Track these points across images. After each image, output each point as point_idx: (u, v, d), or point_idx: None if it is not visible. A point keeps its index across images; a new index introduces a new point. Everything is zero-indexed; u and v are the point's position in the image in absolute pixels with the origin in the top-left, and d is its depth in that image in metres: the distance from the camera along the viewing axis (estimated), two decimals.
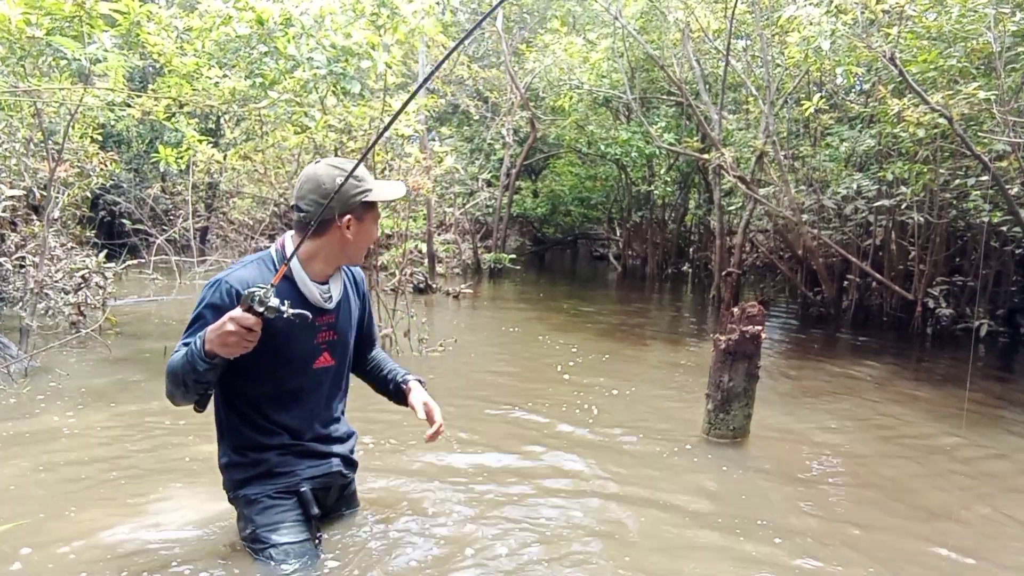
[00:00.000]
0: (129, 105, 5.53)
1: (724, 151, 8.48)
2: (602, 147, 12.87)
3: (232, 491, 2.23)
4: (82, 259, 5.75)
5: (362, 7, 4.95)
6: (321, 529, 2.31)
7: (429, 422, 2.30)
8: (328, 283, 2.20)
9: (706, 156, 9.60)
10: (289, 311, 1.89)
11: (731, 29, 8.36)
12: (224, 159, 7.22)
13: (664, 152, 12.20)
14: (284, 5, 4.70)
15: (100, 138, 7.23)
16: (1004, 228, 6.66)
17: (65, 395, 4.10)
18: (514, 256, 13.84)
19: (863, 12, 5.77)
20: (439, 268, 11.12)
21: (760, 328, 3.72)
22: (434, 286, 9.80)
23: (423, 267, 10.18)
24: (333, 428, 2.32)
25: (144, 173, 11.99)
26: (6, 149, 5.56)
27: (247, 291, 1.86)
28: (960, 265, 8.10)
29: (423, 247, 10.52)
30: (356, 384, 2.47)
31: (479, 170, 13.99)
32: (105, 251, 6.22)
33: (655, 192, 13.75)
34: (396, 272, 6.60)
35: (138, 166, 11.93)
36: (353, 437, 2.43)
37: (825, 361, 6.27)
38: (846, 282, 8.77)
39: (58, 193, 5.98)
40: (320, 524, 2.33)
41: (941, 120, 5.66)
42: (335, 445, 2.32)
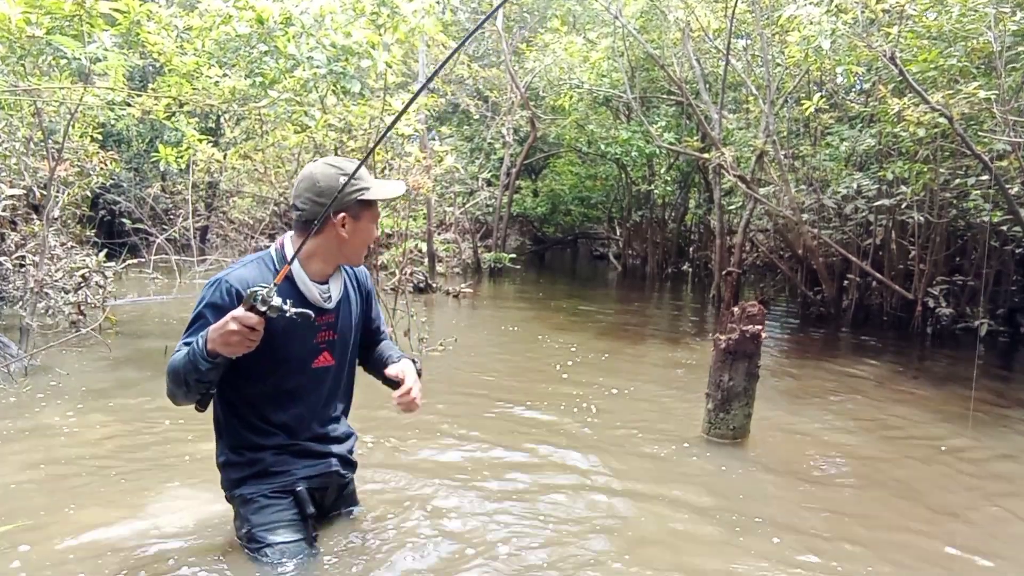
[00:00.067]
0: (129, 104, 5.53)
1: (724, 150, 8.47)
2: (602, 146, 12.87)
3: (229, 490, 2.23)
4: (82, 258, 5.76)
5: (362, 6, 4.95)
6: (317, 528, 2.30)
7: (399, 385, 2.16)
8: (328, 283, 2.20)
9: (706, 155, 9.59)
10: (292, 310, 1.89)
11: (731, 28, 8.36)
12: (224, 158, 7.22)
13: (664, 151, 12.20)
14: (284, 4, 4.70)
15: (100, 137, 7.23)
16: (1004, 227, 6.65)
17: (65, 394, 4.11)
18: (514, 255, 13.84)
19: (863, 11, 5.77)
20: (439, 267, 11.12)
21: (760, 327, 3.72)
22: (434, 285, 9.80)
23: (423, 266, 10.18)
24: (332, 428, 2.32)
25: (144, 172, 11.99)
26: (6, 148, 5.56)
27: (249, 290, 1.85)
28: (960, 265, 8.10)
29: (423, 246, 10.52)
30: (358, 384, 2.46)
31: (479, 169, 14.00)
32: (105, 250, 6.23)
33: (655, 191, 13.75)
34: (396, 271, 6.60)
35: (138, 165, 11.93)
36: (352, 437, 2.42)
37: (825, 360, 6.27)
38: (846, 281, 8.76)
39: (58, 192, 5.98)
40: (318, 523, 2.33)
41: (941, 120, 5.66)
42: (333, 445, 2.31)
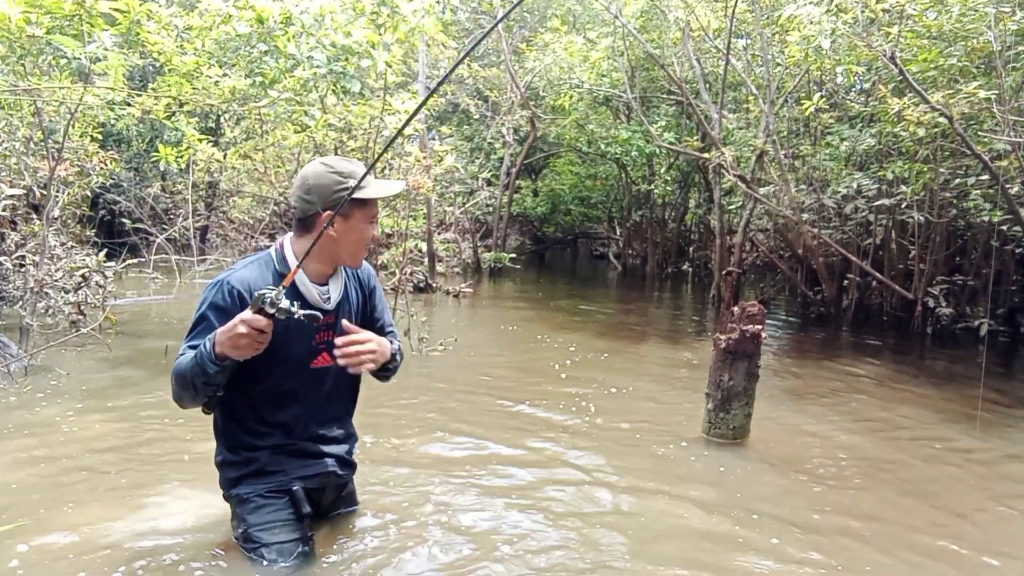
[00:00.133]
0: (129, 104, 5.54)
1: (724, 150, 8.47)
2: (602, 146, 12.87)
3: (226, 489, 2.25)
4: (82, 258, 5.75)
5: (362, 6, 4.95)
6: (314, 528, 2.31)
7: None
8: (327, 284, 2.20)
9: (706, 155, 9.59)
10: (301, 312, 1.89)
11: (731, 28, 8.36)
12: (224, 158, 7.23)
13: (664, 151, 12.20)
14: (284, 4, 4.70)
15: (100, 137, 7.24)
16: (1004, 227, 6.65)
17: (65, 394, 4.11)
18: (514, 255, 13.84)
19: (863, 11, 5.77)
20: (439, 267, 11.12)
21: (760, 327, 3.72)
22: (434, 285, 9.80)
23: (423, 266, 10.18)
24: (331, 428, 2.32)
25: (144, 172, 11.99)
26: (6, 148, 5.56)
27: (258, 293, 1.85)
28: (960, 264, 8.10)
29: (423, 246, 10.53)
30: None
31: (479, 169, 14.00)
32: (105, 250, 6.22)
33: (655, 191, 13.75)
34: (396, 271, 6.61)
35: (138, 165, 11.93)
36: (352, 439, 2.42)
37: (825, 360, 6.27)
38: (846, 281, 8.76)
39: (58, 192, 5.98)
40: (316, 523, 2.33)
41: (941, 119, 5.66)
42: (331, 445, 2.32)
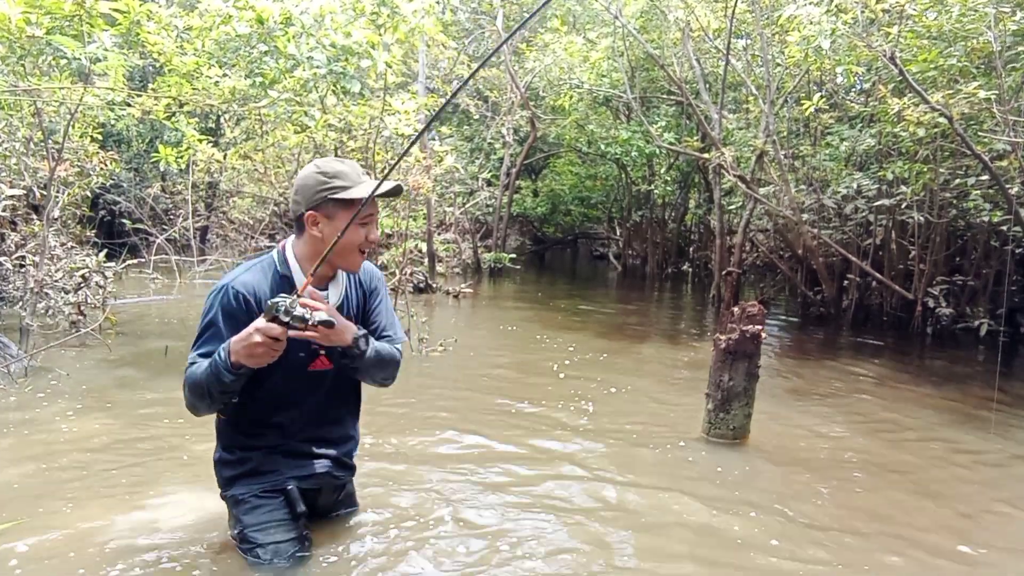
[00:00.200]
0: (129, 104, 5.54)
1: (724, 150, 8.47)
2: (602, 146, 12.87)
3: (222, 489, 2.26)
4: (82, 258, 5.75)
5: (362, 6, 4.95)
6: (313, 528, 2.32)
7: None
8: (327, 287, 2.19)
9: (706, 155, 9.60)
10: (315, 318, 1.90)
11: (731, 28, 8.36)
12: (224, 158, 7.24)
13: (664, 151, 12.20)
14: (284, 4, 4.70)
15: (100, 137, 7.23)
16: (1004, 227, 6.65)
17: (65, 394, 4.11)
18: (514, 255, 13.83)
19: (863, 11, 5.77)
20: (439, 268, 11.12)
21: (760, 327, 3.72)
22: (434, 286, 9.80)
23: (423, 267, 10.18)
24: (328, 431, 2.32)
25: (144, 172, 11.98)
26: (6, 148, 5.56)
27: (271, 302, 1.86)
28: (960, 264, 8.10)
29: (423, 246, 10.52)
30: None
31: (479, 169, 14.00)
32: (105, 250, 6.22)
33: (655, 191, 13.75)
34: (396, 271, 6.60)
35: (138, 165, 11.93)
36: (352, 442, 2.42)
37: (825, 360, 6.27)
38: (846, 281, 8.76)
39: (58, 192, 5.98)
40: (314, 523, 2.34)
41: (941, 119, 5.66)
42: (327, 447, 2.32)
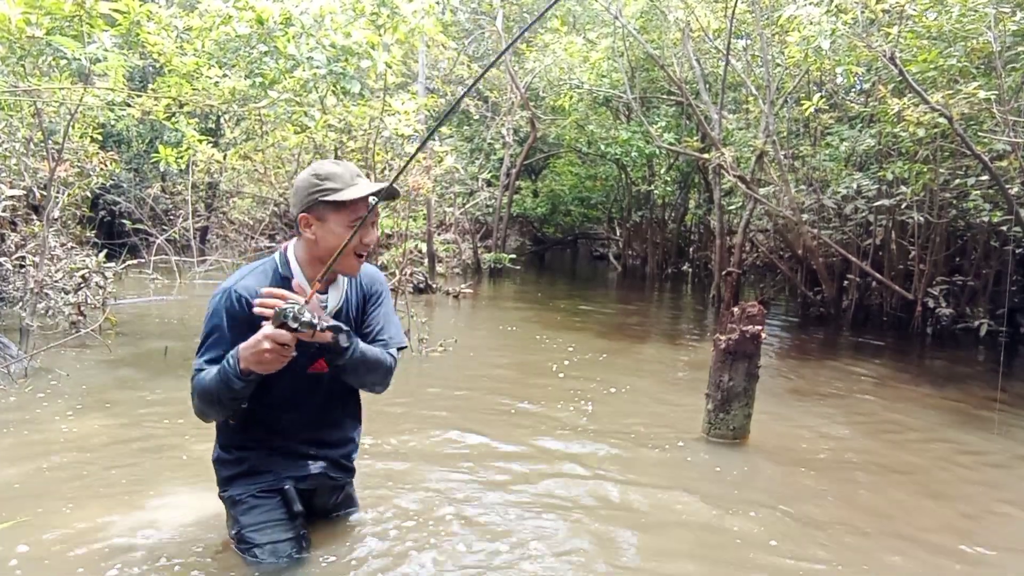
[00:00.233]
0: (129, 105, 5.54)
1: (724, 151, 8.48)
2: (602, 147, 12.87)
3: (220, 488, 2.27)
4: (82, 259, 5.75)
5: (362, 7, 4.95)
6: (312, 528, 2.33)
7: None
8: (327, 290, 2.19)
9: (706, 156, 9.60)
10: (323, 323, 1.90)
11: (731, 29, 8.36)
12: (224, 159, 7.24)
13: (664, 152, 12.20)
14: (284, 4, 4.70)
15: (100, 138, 7.24)
16: (1004, 228, 6.66)
17: (65, 394, 4.11)
18: (514, 256, 13.83)
19: (863, 12, 5.77)
20: (439, 268, 11.12)
21: (760, 328, 3.72)
22: (434, 286, 9.80)
23: (423, 267, 10.18)
24: (326, 433, 2.33)
25: (144, 173, 11.98)
26: (6, 149, 5.56)
27: (279, 308, 1.86)
28: (960, 265, 8.10)
29: (423, 247, 10.53)
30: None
31: (479, 170, 13.99)
32: (105, 251, 6.22)
33: (655, 192, 13.75)
34: (396, 272, 6.61)
35: (138, 166, 11.93)
36: (350, 445, 2.42)
37: (825, 361, 6.27)
38: (846, 282, 8.76)
39: (58, 193, 5.98)
40: (313, 524, 2.35)
41: (941, 120, 5.66)
42: (324, 449, 2.33)
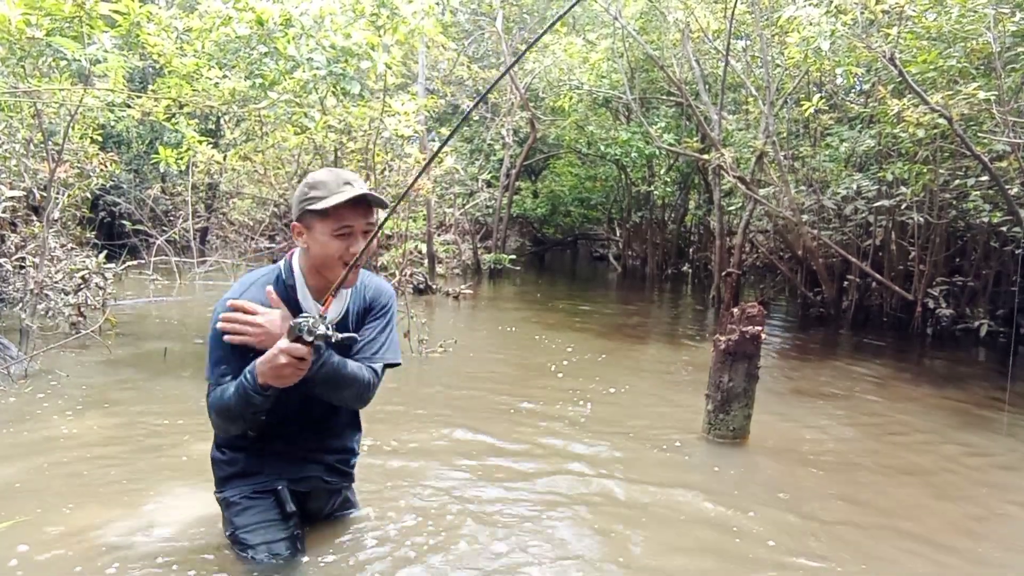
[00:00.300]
0: (129, 106, 5.54)
1: (724, 151, 8.48)
2: (602, 147, 12.87)
3: (216, 489, 2.29)
4: (82, 260, 5.75)
5: (362, 8, 4.95)
6: (310, 529, 2.34)
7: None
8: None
9: (706, 156, 9.60)
10: (337, 335, 1.91)
11: (731, 29, 8.36)
12: (224, 160, 7.23)
13: (664, 152, 12.20)
14: (284, 6, 4.70)
15: (100, 139, 7.23)
16: (1004, 228, 6.66)
17: (64, 395, 4.10)
18: (514, 257, 13.83)
19: (863, 12, 5.77)
20: (439, 269, 11.12)
21: (760, 328, 3.72)
22: (434, 287, 9.80)
23: (423, 268, 10.18)
24: (324, 440, 2.34)
25: (144, 174, 11.99)
26: (6, 150, 5.56)
27: (293, 322, 1.88)
28: (960, 265, 8.11)
29: (423, 248, 10.52)
30: None
31: (479, 170, 13.99)
32: (105, 252, 6.21)
33: (655, 192, 13.75)
34: (396, 272, 6.61)
35: (138, 167, 11.93)
36: (347, 451, 2.43)
37: (825, 361, 6.27)
38: (846, 282, 8.77)
39: (58, 194, 5.98)
40: (310, 525, 2.37)
41: (941, 120, 5.66)
42: (319, 453, 2.34)
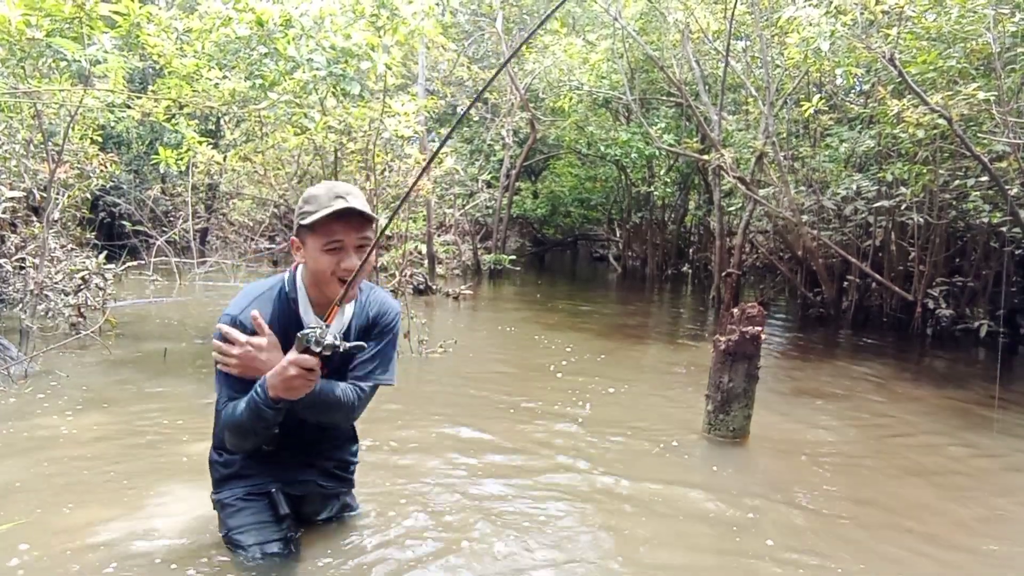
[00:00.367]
0: (129, 106, 5.54)
1: (724, 152, 8.48)
2: (602, 148, 12.88)
3: (213, 491, 2.31)
4: (82, 260, 5.75)
5: (362, 8, 4.95)
6: (307, 530, 2.35)
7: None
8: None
9: (706, 157, 9.60)
10: (345, 344, 1.93)
11: (731, 30, 8.37)
12: (224, 160, 7.23)
13: (664, 153, 12.21)
14: (284, 6, 4.70)
15: (100, 139, 7.23)
16: (1004, 228, 6.66)
17: (64, 396, 4.10)
18: (514, 257, 13.83)
19: (862, 13, 5.78)
20: (439, 269, 11.12)
21: (760, 329, 3.73)
22: (434, 287, 9.80)
23: (423, 268, 10.18)
24: (316, 443, 2.34)
25: (144, 174, 11.98)
26: (6, 151, 5.56)
27: (301, 333, 1.89)
28: (960, 266, 8.11)
29: (423, 248, 10.52)
30: None
31: (479, 171, 14.00)
32: (105, 252, 6.21)
33: (655, 193, 13.75)
34: (396, 273, 6.61)
35: (138, 167, 11.93)
36: (346, 460, 2.44)
37: (825, 362, 6.27)
38: (846, 283, 8.77)
39: (58, 194, 5.98)
40: (305, 527, 2.38)
41: (941, 121, 5.67)
42: (315, 458, 2.36)
